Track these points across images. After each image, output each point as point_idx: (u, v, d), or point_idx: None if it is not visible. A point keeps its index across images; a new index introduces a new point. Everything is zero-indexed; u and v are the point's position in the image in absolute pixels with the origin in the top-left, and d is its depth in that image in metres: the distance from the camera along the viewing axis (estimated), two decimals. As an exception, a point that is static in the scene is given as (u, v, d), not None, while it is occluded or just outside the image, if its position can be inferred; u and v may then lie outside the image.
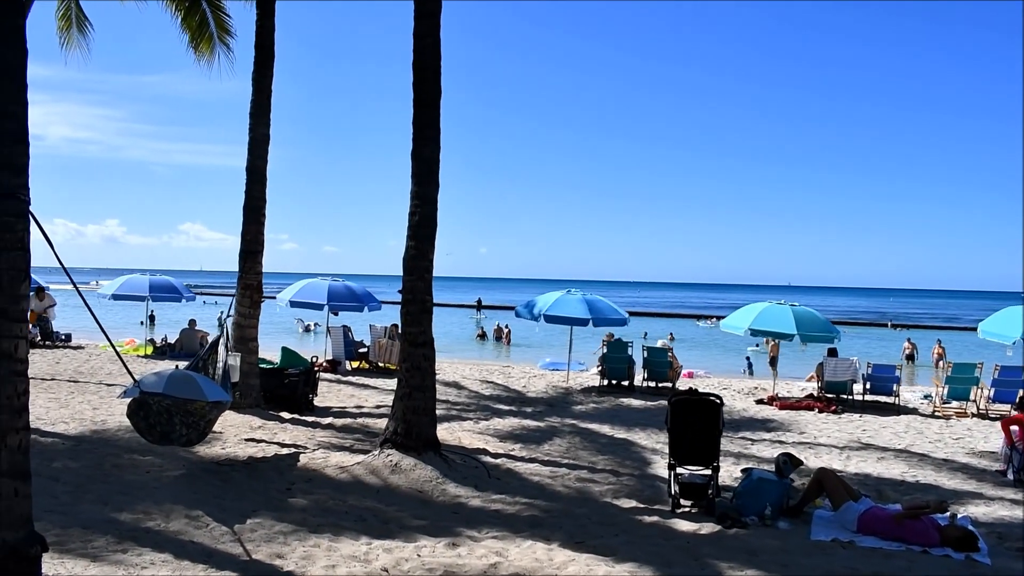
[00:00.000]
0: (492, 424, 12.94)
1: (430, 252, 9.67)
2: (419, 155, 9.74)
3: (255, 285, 12.83)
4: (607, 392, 17.32)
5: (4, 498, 5.00)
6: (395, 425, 9.47)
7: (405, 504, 8.17)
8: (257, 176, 12.90)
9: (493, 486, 9.00)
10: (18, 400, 5.10)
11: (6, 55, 5.11)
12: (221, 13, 18.20)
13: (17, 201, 5.08)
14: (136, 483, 8.36)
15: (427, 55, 9.83)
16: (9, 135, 5.09)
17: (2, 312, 5.02)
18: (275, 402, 12.97)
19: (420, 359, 9.50)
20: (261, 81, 12.99)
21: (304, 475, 9.03)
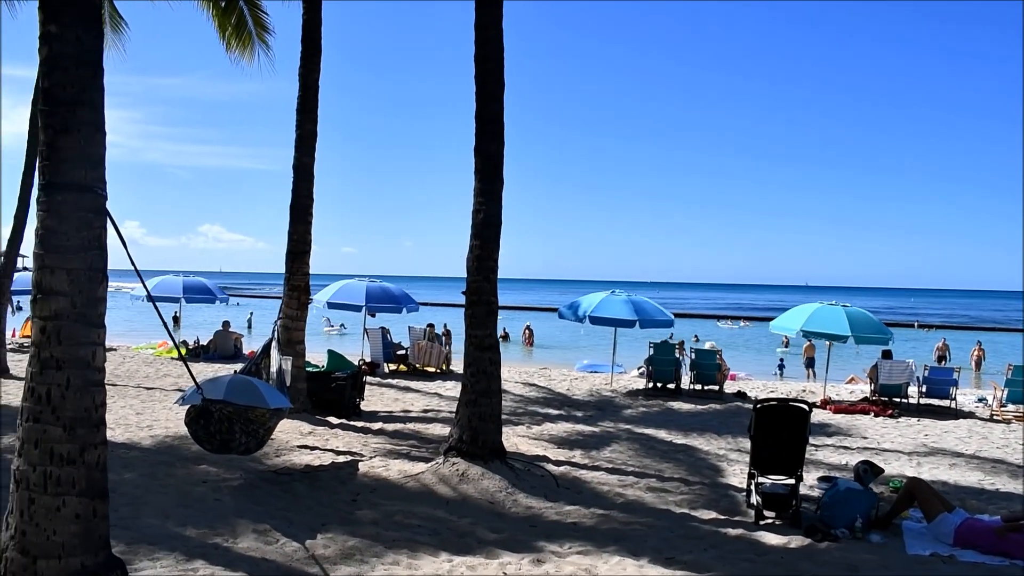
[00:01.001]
0: (545, 429, 12.52)
1: (495, 252, 9.27)
2: (483, 151, 9.34)
3: (302, 286, 12.48)
4: (654, 395, 16.86)
5: (82, 519, 4.63)
6: (460, 432, 9.06)
7: (478, 516, 7.77)
8: (304, 174, 12.54)
9: (564, 496, 8.60)
10: (95, 412, 4.75)
11: (83, 38, 4.75)
12: (258, 11, 17.98)
13: (95, 195, 4.72)
14: (195, 494, 7.98)
15: (490, 47, 9.43)
16: (86, 124, 4.73)
17: (80, 317, 4.66)
18: (322, 407, 12.61)
19: (486, 363, 9.10)
20: (308, 76, 12.62)
21: (367, 485, 8.63)
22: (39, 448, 4.60)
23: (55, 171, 4.65)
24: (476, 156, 9.38)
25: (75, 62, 4.70)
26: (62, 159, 4.65)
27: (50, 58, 4.72)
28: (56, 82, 4.69)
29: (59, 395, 4.60)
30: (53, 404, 4.60)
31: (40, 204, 4.69)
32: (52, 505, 4.57)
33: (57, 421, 4.60)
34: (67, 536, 4.58)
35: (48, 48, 4.73)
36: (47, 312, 4.62)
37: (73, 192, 4.63)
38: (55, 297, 4.62)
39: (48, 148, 4.68)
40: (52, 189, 4.63)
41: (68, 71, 4.69)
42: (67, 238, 4.62)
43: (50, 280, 4.62)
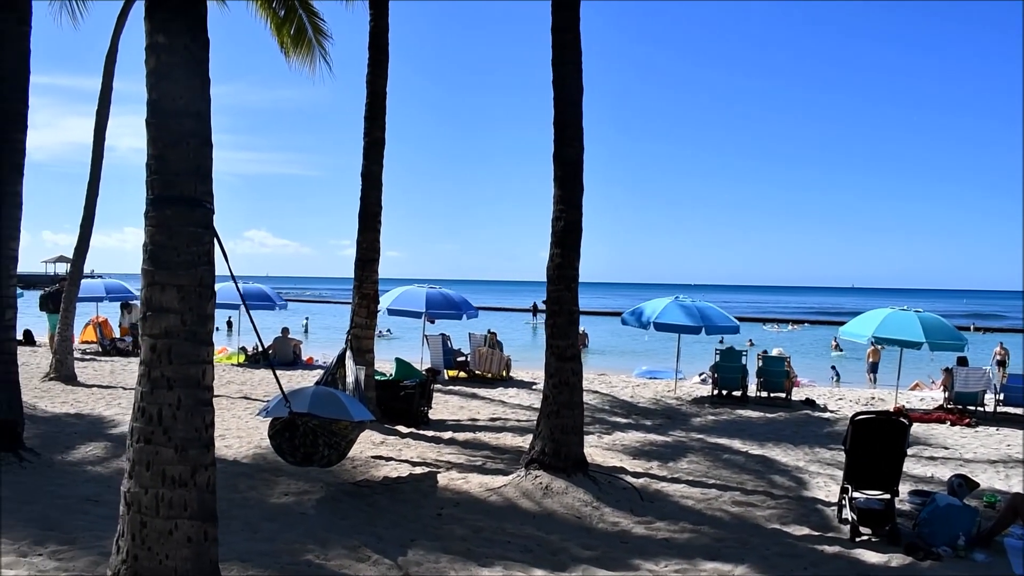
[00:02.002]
0: (617, 438, 12.28)
1: (576, 260, 9.07)
2: (561, 157, 9.15)
3: (372, 294, 12.39)
4: (720, 403, 16.53)
5: (194, 543, 4.52)
6: (542, 444, 8.87)
7: (567, 531, 7.57)
8: (373, 181, 12.45)
9: (650, 510, 8.38)
10: (205, 433, 4.63)
11: (191, 48, 4.63)
12: (316, 18, 18.04)
13: (204, 210, 4.60)
14: (279, 508, 7.90)
15: (567, 50, 9.24)
16: (195, 136, 4.62)
17: (190, 334, 4.54)
18: (390, 415, 12.48)
19: (568, 374, 8.90)
20: (375, 83, 12.54)
21: (450, 498, 8.48)
22: (151, 470, 4.50)
23: (164, 185, 4.54)
24: (555, 162, 9.20)
25: (184, 73, 4.60)
26: (172, 173, 4.54)
27: (158, 69, 4.62)
28: (164, 93, 4.59)
29: (170, 415, 4.49)
30: (164, 425, 4.49)
31: (149, 219, 4.58)
32: (164, 528, 4.47)
33: (168, 442, 4.49)
34: (179, 560, 4.47)
35: (156, 59, 4.63)
36: (157, 330, 4.52)
37: (183, 206, 4.53)
38: (165, 315, 4.51)
39: (156, 161, 4.58)
40: (161, 203, 4.53)
41: (177, 82, 4.59)
42: (177, 254, 4.52)
43: (160, 297, 4.52)
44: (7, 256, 9.52)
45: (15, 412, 9.38)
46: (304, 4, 17.83)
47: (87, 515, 7.34)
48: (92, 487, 8.39)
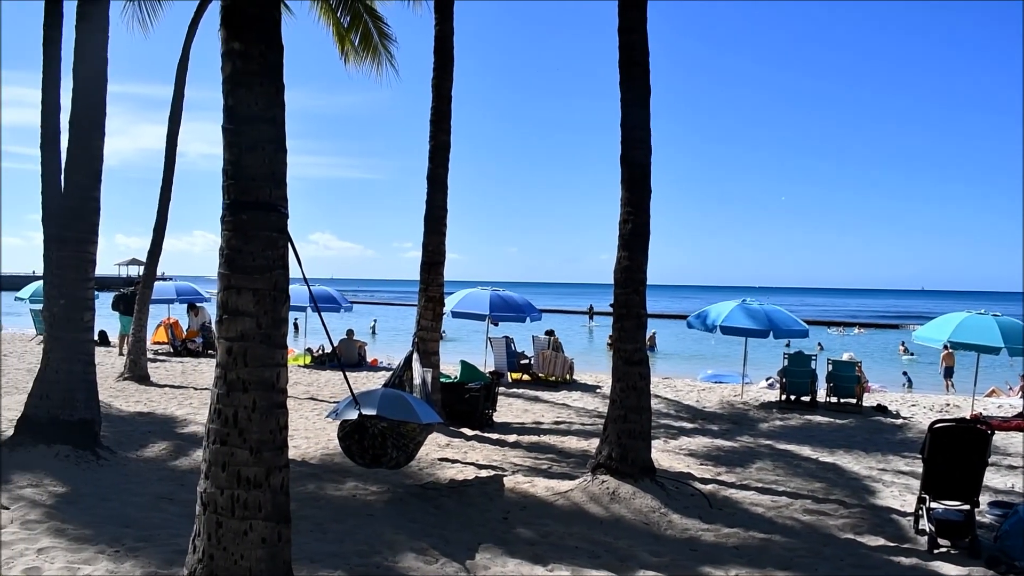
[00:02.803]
0: (683, 443, 12.13)
1: (644, 263, 8.97)
2: (629, 159, 9.06)
3: (437, 297, 12.43)
4: (788, 408, 16.21)
5: (268, 544, 4.57)
6: (609, 449, 8.79)
7: (635, 537, 7.48)
8: (439, 185, 12.51)
9: (719, 518, 8.22)
10: (280, 435, 4.68)
11: (266, 54, 4.69)
12: (381, 24, 18.27)
13: (279, 214, 4.65)
14: (347, 509, 7.96)
15: (635, 50, 9.15)
16: (270, 141, 4.67)
17: (265, 337, 4.59)
18: (455, 418, 12.53)
19: (636, 378, 8.80)
20: (441, 87, 12.59)
21: (516, 502, 8.45)
22: (226, 471, 4.56)
23: (241, 190, 4.61)
24: (622, 165, 9.12)
25: (259, 79, 4.66)
26: (248, 178, 4.60)
27: (234, 75, 4.69)
28: (241, 100, 4.66)
29: (245, 417, 4.56)
30: (240, 426, 4.56)
31: (225, 223, 4.65)
32: (239, 529, 4.52)
33: (244, 444, 4.55)
34: (254, 561, 4.52)
35: (232, 65, 4.70)
36: (234, 333, 4.58)
37: (259, 211, 4.59)
38: (241, 318, 4.58)
39: (233, 167, 4.64)
40: (237, 208, 4.59)
41: (252, 88, 4.65)
42: (253, 258, 4.58)
43: (236, 300, 4.59)
44: (85, 260, 9.78)
45: (93, 411, 9.63)
46: (370, 11, 18.09)
47: (162, 513, 7.50)
48: (166, 485, 8.57)
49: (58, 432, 9.19)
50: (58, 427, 9.23)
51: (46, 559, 6.10)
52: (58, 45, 10.34)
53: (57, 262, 9.70)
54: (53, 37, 10.32)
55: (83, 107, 9.75)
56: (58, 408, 9.32)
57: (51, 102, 10.30)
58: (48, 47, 10.28)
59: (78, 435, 9.28)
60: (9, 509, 7.41)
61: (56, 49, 10.31)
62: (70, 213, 9.70)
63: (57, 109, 10.34)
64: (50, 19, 10.33)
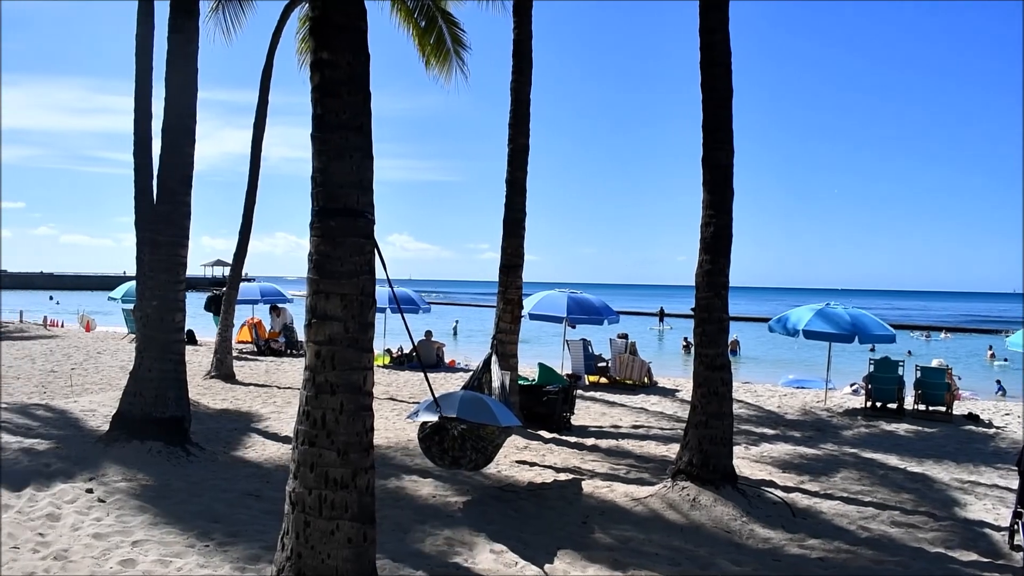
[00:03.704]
0: (764, 450, 11.92)
1: (726, 267, 8.84)
2: (711, 161, 8.95)
3: (516, 300, 12.48)
4: (873, 415, 15.78)
5: (354, 544, 4.66)
6: (690, 455, 8.69)
7: (716, 546, 7.38)
8: (518, 188, 12.55)
9: (803, 528, 8.05)
10: (366, 437, 4.77)
11: (353, 63, 4.78)
12: (456, 28, 18.47)
13: (366, 221, 4.74)
14: (427, 509, 8.05)
15: (717, 51, 9.03)
16: (358, 149, 4.76)
17: (352, 341, 4.68)
18: (533, 420, 12.54)
19: (718, 384, 8.69)
20: (519, 90, 12.63)
21: (595, 506, 8.43)
22: (314, 472, 4.67)
23: (329, 197, 4.71)
24: (704, 167, 9.01)
25: (347, 88, 4.76)
26: (336, 185, 4.70)
27: (323, 84, 4.79)
28: (329, 108, 4.76)
29: (333, 420, 4.65)
30: (328, 428, 4.66)
31: (314, 229, 4.76)
32: (327, 528, 4.62)
33: (331, 445, 4.65)
34: (340, 560, 4.62)
35: (320, 75, 4.80)
36: (322, 337, 4.69)
37: (346, 218, 4.68)
38: (329, 322, 4.68)
39: (321, 174, 4.75)
40: (326, 215, 4.69)
41: (340, 97, 4.75)
42: (341, 263, 4.68)
43: (325, 305, 4.69)
44: (176, 262, 10.10)
45: (183, 409, 9.95)
46: (444, 15, 18.29)
47: (249, 509, 7.70)
48: (253, 482, 8.79)
49: (150, 428, 9.52)
50: (150, 424, 9.56)
51: (140, 551, 6.32)
52: (150, 56, 10.72)
53: (150, 265, 10.04)
54: (146, 48, 10.70)
55: (175, 115, 10.08)
56: (151, 405, 9.66)
57: (143, 110, 10.68)
58: (141, 58, 10.67)
59: (169, 432, 9.60)
60: (92, 492, 7.80)
61: (148, 59, 10.70)
62: (162, 218, 10.04)
63: (149, 117, 10.72)
64: (143, 30, 10.72)
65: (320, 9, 4.87)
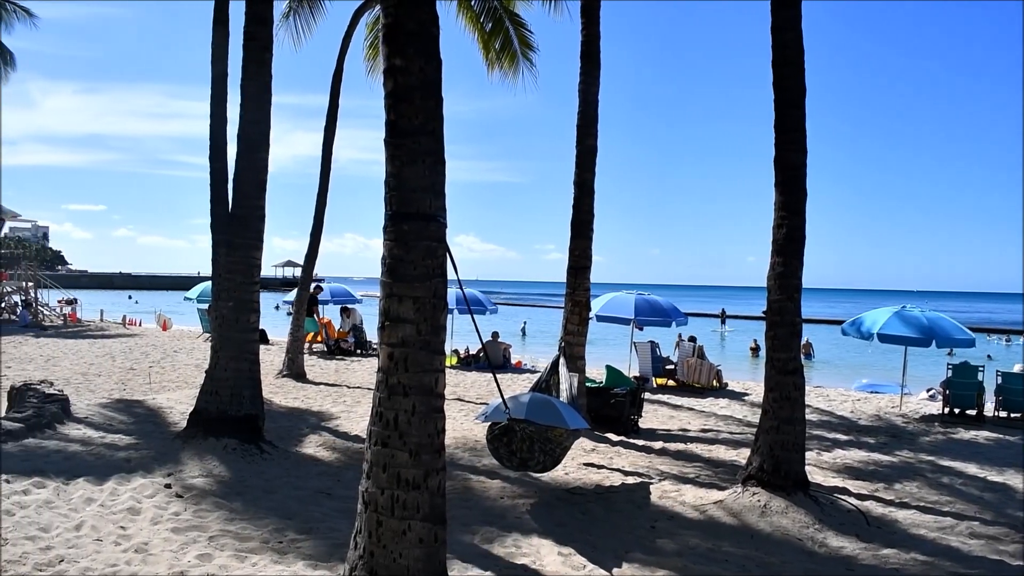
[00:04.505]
0: (837, 456, 11.67)
1: (799, 269, 8.70)
2: (783, 162, 8.80)
3: (584, 302, 12.45)
4: (951, 422, 15.32)
5: (425, 544, 4.71)
6: (760, 461, 8.57)
7: (787, 554, 7.26)
8: (586, 189, 12.52)
9: (877, 537, 7.86)
10: (437, 438, 4.82)
11: (425, 69, 4.84)
12: (523, 30, 18.55)
13: (438, 224, 4.79)
14: (495, 510, 8.09)
15: (789, 50, 8.89)
16: (430, 154, 4.82)
17: (424, 344, 4.74)
18: (600, 422, 12.51)
19: (790, 388, 8.55)
20: (587, 91, 12.59)
21: (663, 511, 8.36)
22: (387, 472, 4.73)
23: (402, 201, 4.77)
24: (776, 167, 8.87)
25: (420, 94, 4.82)
26: (409, 189, 4.77)
27: (395, 91, 4.86)
28: (402, 114, 4.82)
29: (405, 421, 4.72)
30: (400, 430, 4.72)
31: (387, 233, 4.83)
32: (398, 528, 4.69)
33: (403, 446, 4.71)
34: (411, 560, 4.67)
35: (393, 81, 4.87)
36: (395, 339, 4.75)
37: (419, 222, 4.74)
38: (402, 324, 4.74)
39: (395, 179, 4.81)
40: (399, 219, 4.76)
41: (413, 103, 4.81)
42: (414, 267, 4.74)
43: (398, 308, 4.76)
44: (251, 264, 10.34)
45: (257, 407, 10.18)
46: (512, 16, 18.37)
47: (320, 507, 7.84)
48: (324, 480, 8.94)
49: (226, 426, 9.77)
50: (226, 421, 9.81)
51: (216, 546, 6.49)
52: (225, 63, 10.99)
53: (226, 267, 10.29)
54: (221, 55, 10.97)
55: (250, 121, 10.31)
56: (226, 404, 9.90)
57: (219, 116, 10.95)
58: (216, 64, 10.94)
59: (244, 429, 9.83)
60: (171, 487, 8.04)
61: (223, 66, 10.97)
62: (238, 221, 10.28)
63: (224, 122, 10.99)
64: (218, 38, 10.99)
65: (393, 16, 4.93)
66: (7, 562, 5.83)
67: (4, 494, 7.49)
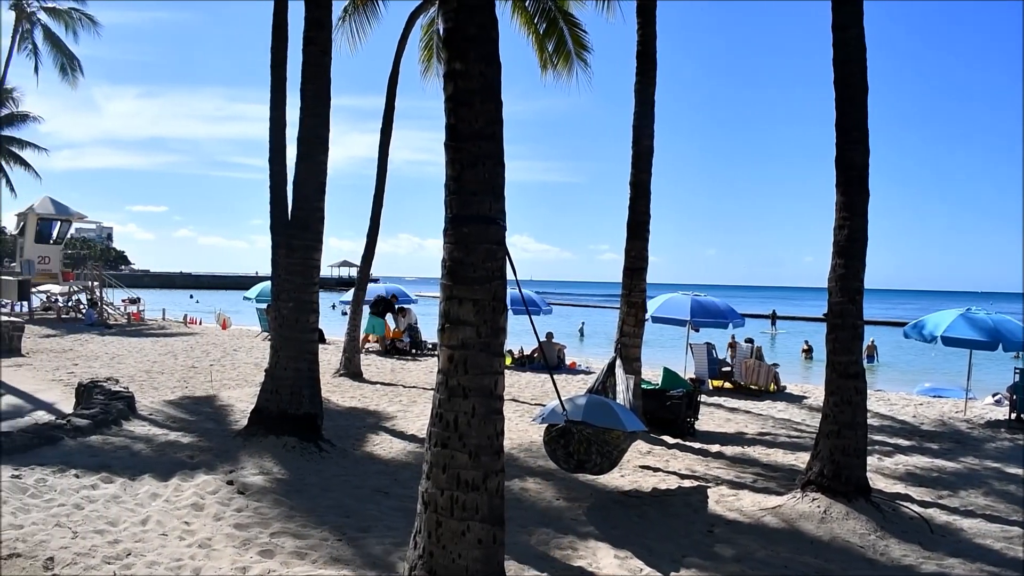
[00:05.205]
0: (899, 462, 11.44)
1: (861, 271, 8.54)
2: (845, 161, 8.65)
3: (640, 303, 12.38)
4: (1019, 428, 14.91)
5: (484, 545, 4.74)
6: (820, 466, 8.44)
7: (848, 561, 7.14)
8: (642, 190, 12.44)
9: (941, 546, 7.69)
10: (497, 440, 4.85)
11: (485, 73, 4.87)
12: (578, 30, 18.56)
13: (498, 227, 4.82)
14: (551, 512, 8.10)
15: (851, 47, 8.73)
16: (490, 157, 4.85)
17: (484, 346, 4.77)
18: (656, 425, 12.41)
19: (851, 392, 8.40)
20: (644, 91, 12.51)
21: (721, 515, 8.28)
22: (446, 473, 4.78)
23: (462, 204, 4.81)
24: (837, 167, 8.73)
25: (480, 97, 4.85)
26: (469, 192, 4.80)
27: (456, 95, 4.90)
28: (462, 118, 4.86)
29: (465, 422, 4.75)
30: (460, 431, 4.76)
31: (447, 236, 4.87)
32: (458, 529, 4.72)
33: (463, 448, 4.75)
34: (470, 560, 4.71)
35: (454, 85, 4.91)
36: (455, 341, 4.79)
37: (479, 224, 4.77)
38: (462, 327, 4.78)
39: (455, 182, 4.85)
40: (459, 221, 4.79)
41: (473, 106, 4.84)
42: (473, 269, 4.77)
43: (458, 310, 4.79)
44: (310, 265, 10.48)
45: (316, 406, 10.32)
46: (566, 16, 18.39)
47: (378, 505, 7.92)
48: (381, 479, 9.04)
49: (286, 424, 9.93)
50: (286, 420, 9.97)
51: (278, 543, 6.60)
52: (284, 67, 11.16)
53: (285, 268, 10.44)
54: (280, 59, 11.14)
55: (309, 125, 10.45)
56: (286, 402, 10.06)
57: (278, 119, 11.13)
58: (276, 69, 11.11)
59: (303, 428, 9.98)
60: (233, 484, 8.20)
61: (283, 70, 11.13)
62: (298, 223, 10.43)
63: (283, 125, 11.16)
64: (277, 43, 11.17)
65: (453, 20, 4.97)
66: (77, 555, 6.01)
67: (74, 488, 7.73)
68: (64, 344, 23.16)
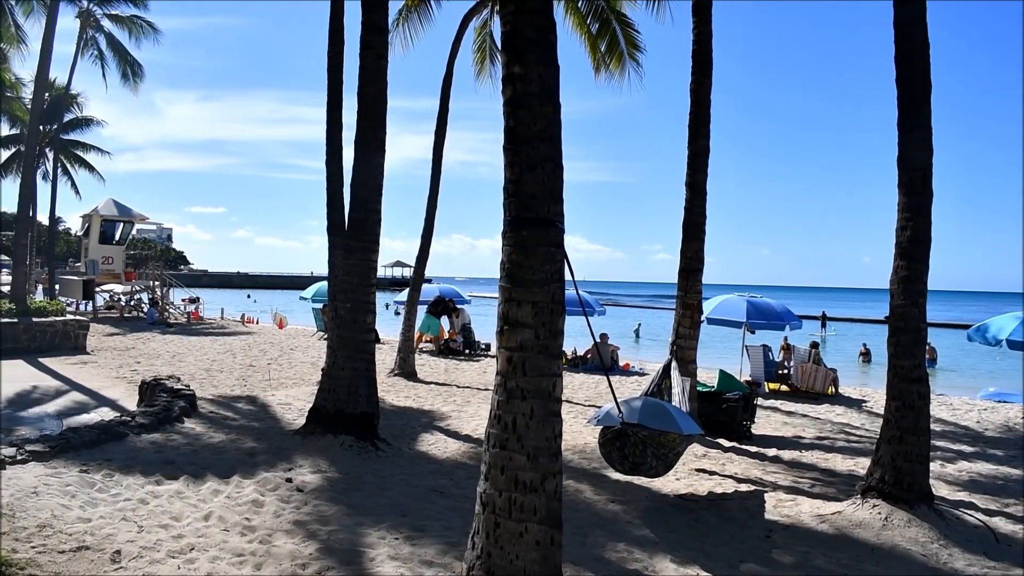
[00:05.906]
0: (962, 469, 11.16)
1: (924, 273, 8.36)
2: (908, 161, 8.48)
3: (695, 304, 12.27)
4: (1088, 435, 14.46)
5: (542, 546, 4.75)
6: (881, 472, 8.29)
7: (909, 570, 6.99)
8: (698, 191, 12.34)
9: (1008, 555, 7.48)
10: (555, 442, 4.85)
11: (544, 76, 4.88)
12: (630, 30, 18.50)
13: (557, 230, 4.83)
14: (606, 514, 8.09)
15: (914, 45, 8.56)
16: (549, 160, 4.86)
17: (542, 348, 4.78)
18: (712, 428, 12.30)
19: (914, 397, 8.23)
20: (699, 92, 12.41)
21: (778, 520, 8.17)
22: (504, 474, 4.79)
23: (521, 207, 4.83)
24: (899, 167, 8.55)
25: (538, 100, 4.86)
26: (528, 195, 4.81)
27: (515, 98, 4.91)
28: (521, 121, 4.87)
29: (524, 424, 4.77)
30: (518, 433, 4.77)
31: (506, 239, 4.90)
32: (516, 530, 4.74)
33: (521, 449, 4.76)
34: (528, 562, 4.72)
35: (512, 88, 4.93)
36: (514, 343, 4.81)
37: (538, 227, 4.78)
38: (521, 329, 4.80)
39: (514, 185, 4.87)
40: (518, 224, 4.81)
41: (532, 109, 4.85)
42: (532, 272, 4.78)
43: (517, 312, 4.81)
44: (367, 267, 10.60)
45: (373, 406, 10.44)
46: (619, 16, 18.35)
47: (434, 505, 7.98)
48: (437, 479, 9.10)
49: (343, 423, 10.06)
50: (343, 419, 10.10)
51: (335, 541, 6.69)
52: (341, 70, 11.31)
53: (343, 269, 10.58)
54: (336, 63, 11.30)
55: (366, 128, 10.56)
56: (343, 402, 10.20)
57: (335, 122, 11.28)
58: (332, 72, 11.27)
59: (360, 427, 10.10)
60: (292, 481, 8.33)
61: (339, 74, 11.29)
62: (355, 225, 10.56)
63: (340, 128, 11.30)
64: (334, 47, 11.32)
65: (512, 23, 4.99)
66: (142, 548, 6.16)
67: (139, 483, 7.92)
68: (127, 342, 23.76)
